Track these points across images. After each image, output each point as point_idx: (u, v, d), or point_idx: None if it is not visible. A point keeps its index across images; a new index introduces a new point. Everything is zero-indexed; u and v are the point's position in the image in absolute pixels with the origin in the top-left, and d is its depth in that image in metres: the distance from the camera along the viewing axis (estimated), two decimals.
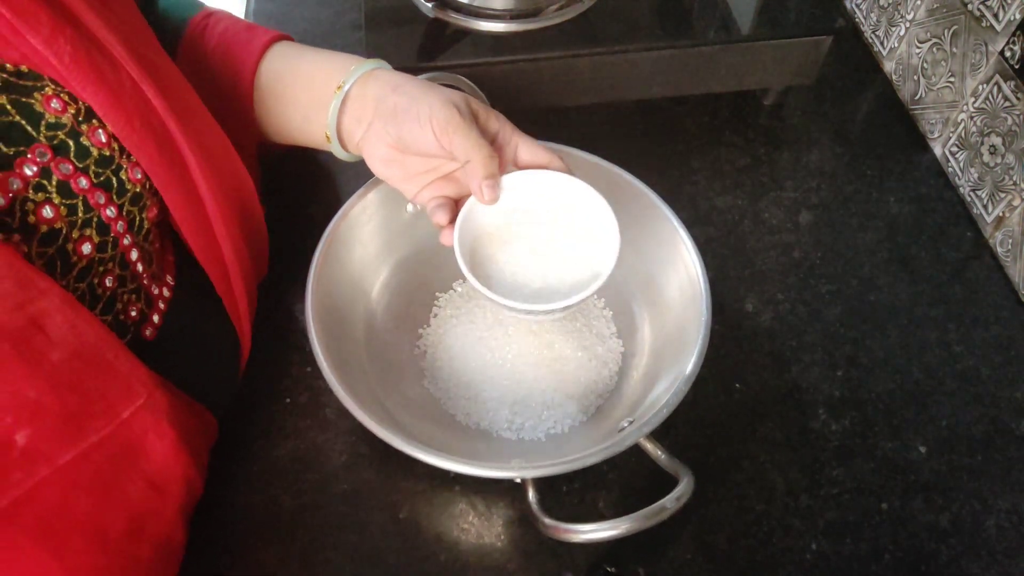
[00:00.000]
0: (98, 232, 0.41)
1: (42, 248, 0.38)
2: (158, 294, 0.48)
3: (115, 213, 0.43)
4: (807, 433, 0.57)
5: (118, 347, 0.40)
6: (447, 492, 0.54)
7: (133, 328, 0.45)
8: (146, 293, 0.46)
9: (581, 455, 0.45)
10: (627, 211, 0.58)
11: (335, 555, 0.51)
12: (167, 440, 0.43)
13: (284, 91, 0.54)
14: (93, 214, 0.41)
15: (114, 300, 0.43)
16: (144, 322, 0.46)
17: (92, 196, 0.41)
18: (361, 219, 0.57)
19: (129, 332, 0.45)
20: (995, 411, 0.58)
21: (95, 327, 0.39)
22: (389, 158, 0.51)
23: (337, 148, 0.54)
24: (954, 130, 0.71)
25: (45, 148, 0.39)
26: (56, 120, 0.40)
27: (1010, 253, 0.65)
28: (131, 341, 0.45)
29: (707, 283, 0.52)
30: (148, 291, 0.46)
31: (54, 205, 0.39)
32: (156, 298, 0.47)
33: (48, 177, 0.39)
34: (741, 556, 0.52)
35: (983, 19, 0.65)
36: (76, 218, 0.40)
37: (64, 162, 0.40)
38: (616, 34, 0.69)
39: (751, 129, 0.76)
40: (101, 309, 0.42)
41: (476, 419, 0.55)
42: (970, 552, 0.52)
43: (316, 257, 0.53)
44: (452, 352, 0.57)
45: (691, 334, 0.50)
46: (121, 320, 0.44)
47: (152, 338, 0.46)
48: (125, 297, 0.44)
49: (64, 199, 0.39)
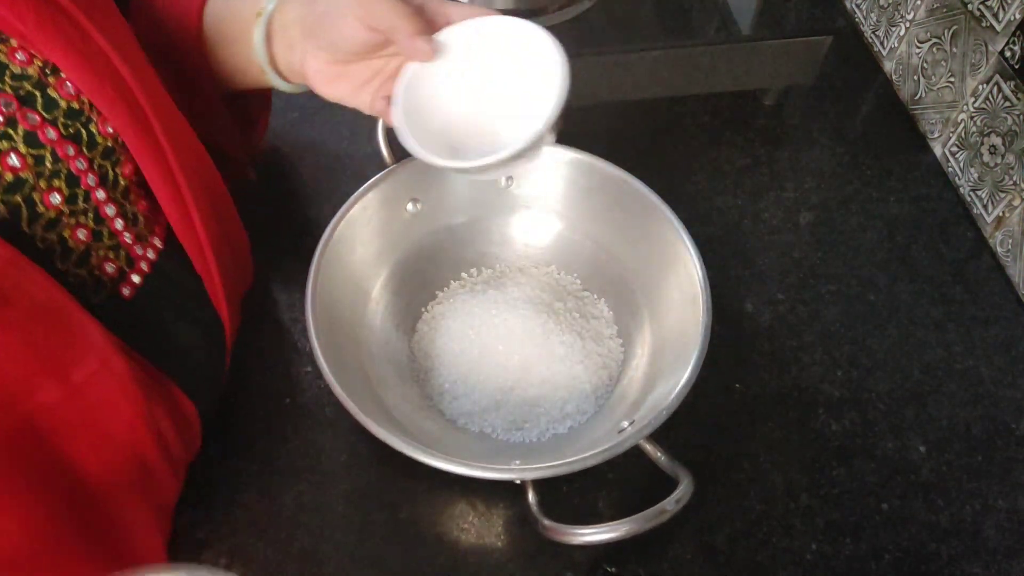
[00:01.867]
0: (67, 184, 0.41)
1: (7, 196, 0.38)
2: (141, 254, 0.47)
3: (85, 166, 0.42)
4: (807, 433, 0.57)
5: (72, 309, 0.40)
6: (447, 492, 0.54)
7: (110, 284, 0.45)
8: (127, 252, 0.46)
9: (581, 456, 0.45)
10: (627, 211, 0.58)
11: (335, 555, 0.51)
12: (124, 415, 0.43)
13: (220, 34, 0.53)
14: (62, 165, 0.41)
15: (89, 254, 0.43)
16: (122, 280, 0.45)
17: (61, 148, 0.41)
18: (361, 219, 0.57)
19: (105, 288, 0.44)
20: (995, 411, 0.58)
21: (45, 287, 0.39)
22: (332, 75, 0.50)
23: (277, 80, 0.53)
24: (954, 130, 0.71)
25: (10, 98, 0.39)
26: (22, 71, 0.40)
27: (1010, 253, 0.65)
28: (108, 298, 0.44)
29: (707, 283, 0.52)
30: (130, 250, 0.46)
31: (20, 154, 0.39)
32: (138, 258, 0.47)
33: (14, 126, 0.39)
34: (741, 556, 0.52)
35: (983, 19, 0.65)
36: (44, 168, 0.40)
37: (31, 112, 0.40)
38: (616, 34, 0.69)
39: (751, 129, 0.76)
40: (75, 262, 0.42)
41: (475, 420, 0.55)
42: (970, 552, 0.52)
43: (316, 257, 0.53)
44: (450, 353, 0.57)
45: (691, 334, 0.50)
46: (96, 275, 0.44)
47: (130, 297, 0.46)
48: (101, 252, 0.44)
49: (31, 149, 0.39)
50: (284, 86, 0.54)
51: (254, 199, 0.69)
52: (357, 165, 0.71)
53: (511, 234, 0.63)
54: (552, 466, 0.45)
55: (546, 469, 0.45)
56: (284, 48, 0.51)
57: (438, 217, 0.61)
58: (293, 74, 0.53)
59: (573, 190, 0.60)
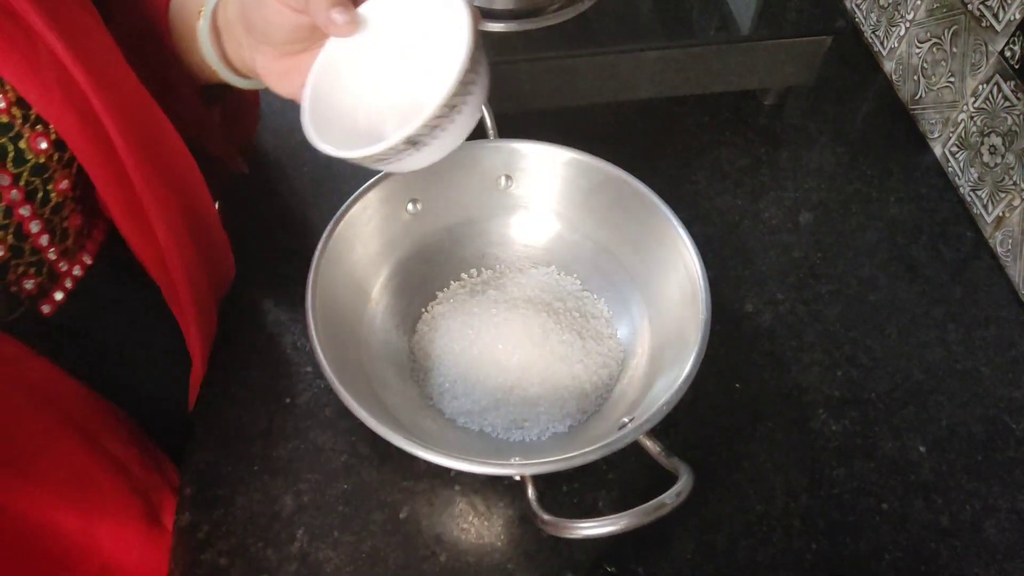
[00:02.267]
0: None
1: None
2: (66, 271, 0.46)
3: (9, 182, 0.41)
4: (807, 433, 0.57)
5: None
6: (447, 492, 0.54)
7: (28, 301, 0.44)
8: (50, 268, 0.45)
9: (581, 452, 0.45)
10: (627, 211, 0.58)
11: (335, 555, 0.51)
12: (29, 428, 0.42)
13: (179, 32, 0.52)
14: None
15: (6, 270, 0.42)
16: (43, 297, 0.45)
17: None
18: (361, 219, 0.57)
19: (22, 305, 0.43)
20: (995, 411, 0.58)
21: None
22: (281, 70, 0.49)
23: (232, 77, 0.52)
24: (954, 130, 0.71)
25: None
26: None
27: (1010, 253, 0.65)
28: (24, 315, 0.43)
29: (707, 283, 0.52)
30: (54, 266, 0.45)
31: None
32: (63, 275, 0.46)
33: None
34: (741, 556, 0.52)
35: (983, 19, 0.65)
36: None
37: None
38: (616, 34, 0.69)
39: (751, 129, 0.76)
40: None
41: (475, 420, 0.55)
42: (970, 552, 0.52)
43: (316, 257, 0.53)
44: (450, 353, 0.57)
45: (691, 334, 0.50)
46: (12, 292, 0.43)
47: (50, 315, 0.45)
48: (20, 269, 0.43)
49: None
50: (242, 83, 0.53)
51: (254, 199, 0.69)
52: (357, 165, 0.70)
53: (511, 234, 0.63)
54: (552, 461, 0.45)
55: (546, 464, 0.45)
56: (234, 46, 0.50)
57: (438, 217, 0.61)
58: (249, 71, 0.52)
59: (573, 190, 0.60)
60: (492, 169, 0.60)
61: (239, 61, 0.51)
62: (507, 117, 0.62)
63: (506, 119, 0.61)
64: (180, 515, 0.52)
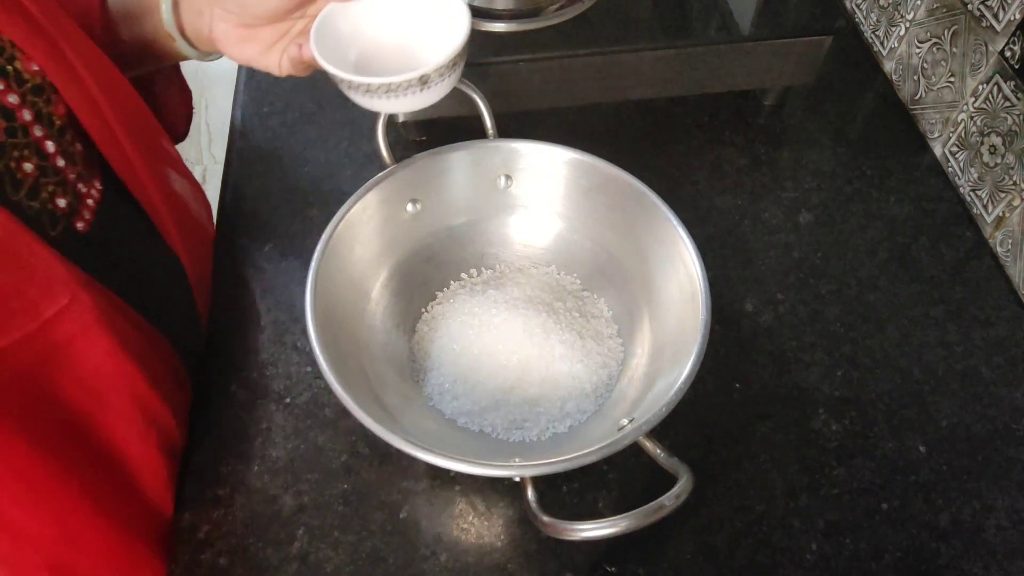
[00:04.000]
0: (3, 117, 0.41)
1: None
2: (86, 192, 0.47)
3: (18, 101, 0.42)
4: (807, 433, 0.57)
5: (34, 243, 0.40)
6: (447, 492, 0.54)
7: (64, 219, 0.44)
8: (73, 188, 0.46)
9: (581, 453, 0.45)
10: (627, 211, 0.58)
11: (335, 555, 0.51)
12: (99, 347, 0.43)
13: (125, 11, 0.53)
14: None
15: (39, 188, 0.43)
16: (75, 215, 0.45)
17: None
18: (361, 219, 0.57)
19: (60, 223, 0.44)
20: (995, 411, 0.58)
21: (2, 222, 0.38)
22: (241, 38, 0.51)
23: (186, 48, 0.54)
24: (954, 130, 0.71)
25: None
26: None
27: (1010, 253, 0.65)
28: (64, 232, 0.44)
29: (707, 283, 0.52)
30: (75, 187, 0.46)
31: None
32: (84, 195, 0.47)
33: None
34: (741, 556, 0.52)
35: (983, 19, 0.65)
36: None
37: None
38: (616, 34, 0.69)
39: (751, 129, 0.76)
40: (27, 193, 0.42)
41: (475, 420, 0.55)
42: (970, 552, 0.52)
43: (316, 257, 0.53)
44: (450, 353, 0.57)
45: (691, 334, 0.50)
46: (49, 208, 0.43)
47: (85, 231, 0.46)
48: (50, 187, 0.44)
49: None
50: (194, 54, 0.54)
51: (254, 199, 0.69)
52: (357, 165, 0.71)
53: (511, 234, 0.63)
54: (551, 462, 0.45)
55: (545, 466, 0.45)
56: (192, 15, 0.52)
57: (438, 217, 0.61)
58: (201, 41, 0.53)
59: (573, 190, 0.60)
60: (492, 169, 0.60)
61: (193, 30, 0.53)
62: (507, 117, 0.62)
63: (506, 119, 0.61)
64: (180, 515, 0.52)
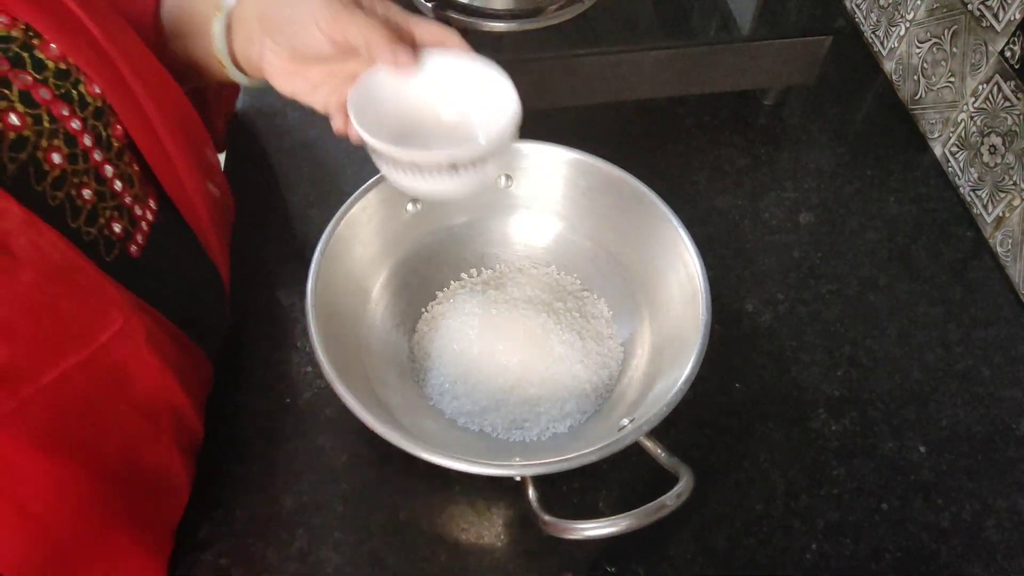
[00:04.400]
0: (66, 144, 0.42)
1: (13, 154, 0.39)
2: (141, 215, 0.47)
3: (80, 126, 0.43)
4: (807, 433, 0.57)
5: (89, 269, 0.40)
6: (447, 492, 0.54)
7: (119, 244, 0.45)
8: (128, 212, 0.46)
9: (582, 452, 0.45)
10: (627, 211, 0.58)
11: (335, 555, 0.51)
12: (151, 368, 0.43)
13: (178, 29, 0.53)
14: (59, 125, 0.41)
15: (96, 214, 0.43)
16: (129, 240, 0.46)
17: (55, 107, 0.41)
18: (361, 219, 0.57)
19: (116, 248, 0.44)
20: (995, 411, 0.58)
21: (61, 248, 0.39)
22: (289, 72, 0.51)
23: (236, 74, 0.54)
24: (954, 130, 0.71)
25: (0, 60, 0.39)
26: (7, 34, 0.40)
27: (1010, 253, 0.65)
28: (118, 257, 0.44)
29: (707, 283, 0.52)
30: (131, 211, 0.46)
31: (19, 113, 0.39)
32: (139, 219, 0.47)
33: (8, 86, 0.39)
34: (741, 556, 0.52)
35: (983, 19, 0.65)
36: (42, 127, 0.40)
37: (23, 73, 0.40)
38: (616, 34, 0.69)
39: (751, 129, 0.76)
40: (85, 220, 0.42)
41: (476, 420, 0.55)
42: (970, 552, 0.52)
43: (316, 257, 0.53)
44: (450, 353, 0.57)
45: (691, 333, 0.50)
46: (106, 234, 0.44)
47: (137, 255, 0.46)
48: (107, 213, 0.44)
49: (28, 108, 0.40)
50: (244, 80, 0.54)
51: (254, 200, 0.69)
52: (357, 165, 0.71)
53: (511, 234, 0.63)
54: (552, 462, 0.45)
55: (546, 465, 0.45)
56: (243, 41, 0.52)
57: (438, 217, 0.61)
58: (251, 68, 0.53)
59: (573, 190, 0.60)
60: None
61: (244, 57, 0.52)
62: None
63: None
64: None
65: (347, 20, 0.46)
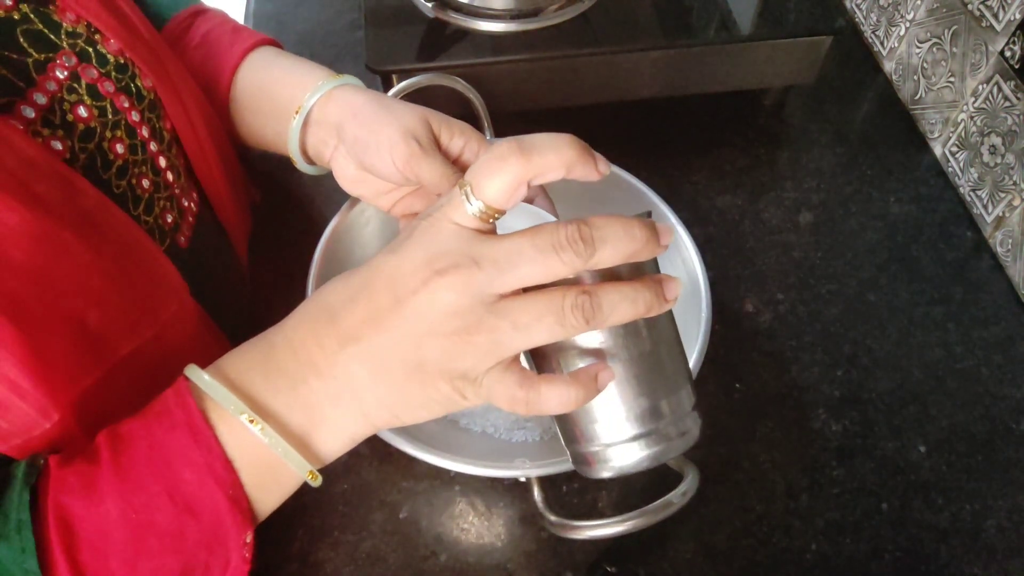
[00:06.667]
0: (127, 135, 0.43)
1: (83, 144, 0.40)
2: (187, 207, 0.49)
3: (139, 118, 0.45)
4: (807, 433, 0.57)
5: (156, 250, 0.42)
6: (447, 492, 0.54)
7: (170, 234, 0.46)
8: (177, 203, 0.48)
9: None
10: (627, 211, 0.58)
11: (335, 555, 0.51)
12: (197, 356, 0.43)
13: (255, 105, 0.55)
14: (120, 117, 0.43)
15: (152, 203, 0.45)
16: (177, 231, 0.47)
17: (117, 100, 0.43)
18: (360, 220, 0.57)
19: (168, 237, 0.46)
20: (995, 411, 0.58)
21: (132, 229, 0.41)
22: (358, 178, 0.51)
23: (303, 166, 0.55)
24: (954, 130, 0.71)
25: (70, 54, 0.41)
26: (73, 29, 0.42)
27: (1010, 253, 0.65)
28: (170, 247, 0.46)
29: (707, 283, 0.52)
30: (179, 201, 0.48)
31: (87, 106, 0.41)
32: (186, 211, 0.49)
33: (78, 80, 0.41)
34: (741, 556, 0.52)
35: (983, 19, 0.65)
36: (107, 119, 0.42)
37: (89, 67, 0.42)
38: (616, 34, 0.69)
39: (751, 129, 0.76)
40: (143, 209, 0.44)
41: (477, 420, 0.55)
42: (970, 552, 0.52)
43: (316, 258, 0.53)
44: None
45: (691, 334, 0.50)
46: (160, 224, 0.45)
47: (185, 246, 0.48)
48: (161, 203, 0.46)
49: (94, 101, 0.42)
50: (304, 168, 0.55)
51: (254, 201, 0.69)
52: None
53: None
54: (556, 463, 0.45)
55: (551, 466, 0.45)
56: (317, 142, 0.53)
57: None
58: (319, 161, 0.54)
59: (573, 190, 0.60)
60: None
61: (315, 153, 0.54)
62: (507, 117, 0.62)
63: (505, 119, 0.61)
64: None
65: (421, 162, 0.45)
